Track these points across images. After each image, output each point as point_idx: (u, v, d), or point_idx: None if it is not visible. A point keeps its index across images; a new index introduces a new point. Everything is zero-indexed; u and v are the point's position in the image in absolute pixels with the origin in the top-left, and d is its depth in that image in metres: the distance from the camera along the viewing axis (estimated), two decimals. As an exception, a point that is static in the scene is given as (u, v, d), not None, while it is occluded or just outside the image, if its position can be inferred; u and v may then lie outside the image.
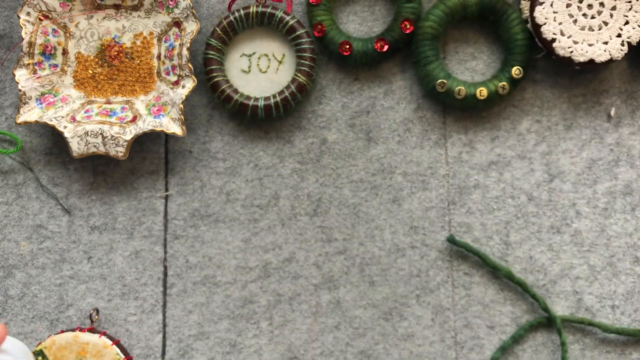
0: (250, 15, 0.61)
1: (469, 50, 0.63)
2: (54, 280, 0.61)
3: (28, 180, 0.63)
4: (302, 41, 0.61)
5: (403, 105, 0.62)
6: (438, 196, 0.61)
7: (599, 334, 0.59)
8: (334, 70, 0.63)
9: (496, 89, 0.60)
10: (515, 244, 0.60)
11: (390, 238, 0.61)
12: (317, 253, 0.61)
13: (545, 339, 0.59)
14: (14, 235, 0.62)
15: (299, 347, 0.60)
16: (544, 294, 0.60)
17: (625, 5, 0.58)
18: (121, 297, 0.61)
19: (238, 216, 0.61)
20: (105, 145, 0.59)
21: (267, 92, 0.62)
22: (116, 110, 0.61)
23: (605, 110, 0.62)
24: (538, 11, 0.58)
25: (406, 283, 0.60)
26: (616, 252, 0.60)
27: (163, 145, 0.63)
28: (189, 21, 0.60)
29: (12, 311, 0.61)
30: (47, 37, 0.61)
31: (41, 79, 0.61)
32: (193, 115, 0.63)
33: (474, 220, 0.61)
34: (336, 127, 0.62)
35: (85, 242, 0.62)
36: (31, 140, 0.63)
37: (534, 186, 0.61)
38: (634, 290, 0.60)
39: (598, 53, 0.58)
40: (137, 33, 0.62)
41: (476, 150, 0.61)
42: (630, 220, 0.60)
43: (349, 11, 0.63)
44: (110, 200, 0.62)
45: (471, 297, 0.60)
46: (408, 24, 0.60)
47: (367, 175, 0.62)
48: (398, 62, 0.63)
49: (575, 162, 0.61)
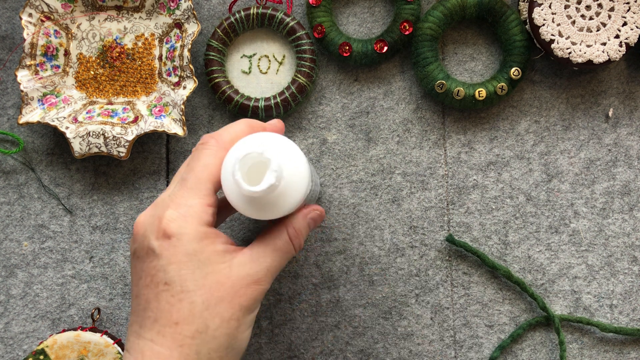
0: (251, 16, 0.61)
1: (467, 52, 0.63)
2: (56, 279, 0.62)
3: (30, 181, 0.63)
4: (302, 42, 0.61)
5: (402, 105, 0.62)
6: (437, 196, 0.61)
7: (597, 333, 0.60)
8: (333, 71, 0.63)
9: (495, 89, 0.60)
10: (513, 244, 0.61)
11: (390, 238, 0.61)
12: (317, 253, 0.61)
13: (544, 338, 0.60)
14: (15, 235, 0.62)
15: (299, 346, 0.60)
16: (543, 293, 0.60)
17: (623, 7, 0.58)
18: (122, 296, 0.61)
19: (238, 216, 0.62)
20: (107, 146, 0.59)
21: (267, 93, 0.63)
22: (118, 111, 0.61)
23: (603, 111, 0.62)
24: (536, 12, 0.58)
25: (405, 282, 0.61)
26: (614, 252, 0.60)
27: (164, 145, 0.63)
28: (190, 22, 0.60)
29: (14, 310, 0.61)
30: (49, 38, 0.61)
31: (43, 79, 0.61)
32: (194, 115, 0.63)
33: (472, 220, 0.61)
34: (336, 127, 0.62)
35: (87, 241, 0.62)
36: (33, 141, 0.63)
37: (533, 186, 0.61)
38: (632, 290, 0.60)
39: (596, 54, 0.58)
40: (139, 34, 0.62)
41: (475, 151, 0.62)
42: (628, 220, 0.61)
43: (348, 12, 0.64)
44: (112, 200, 0.62)
45: (470, 296, 0.60)
46: (407, 25, 0.61)
47: (366, 175, 0.62)
48: (397, 63, 0.63)
49: (574, 163, 0.61)
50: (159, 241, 0.42)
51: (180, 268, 0.42)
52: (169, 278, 0.42)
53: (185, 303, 0.42)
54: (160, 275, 0.42)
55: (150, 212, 0.44)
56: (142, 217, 0.45)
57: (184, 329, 0.41)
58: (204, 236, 0.43)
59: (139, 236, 0.44)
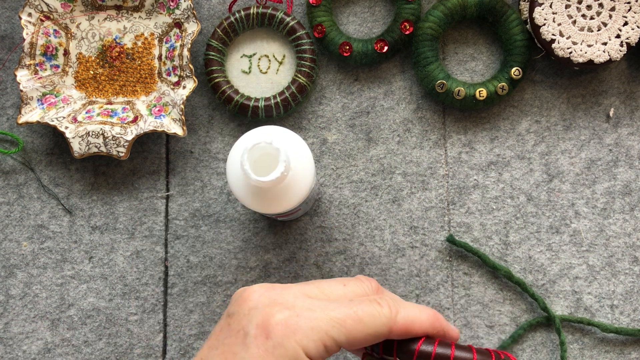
0: (251, 16, 0.61)
1: (468, 51, 0.63)
2: (55, 280, 0.61)
3: (29, 181, 0.63)
4: (302, 42, 0.61)
5: (403, 105, 0.62)
6: (438, 196, 0.61)
7: (598, 334, 0.59)
8: (334, 71, 0.63)
9: (495, 89, 0.60)
10: (514, 244, 0.61)
11: (390, 238, 0.61)
12: (317, 253, 0.61)
13: (545, 339, 0.60)
14: (15, 235, 0.62)
15: (299, 346, 0.60)
16: (543, 293, 0.60)
17: (624, 6, 0.58)
18: (122, 296, 0.61)
19: (239, 216, 0.62)
20: (106, 146, 0.59)
21: (267, 92, 0.62)
22: (117, 111, 0.61)
23: (604, 111, 0.62)
24: (537, 12, 0.58)
25: (406, 283, 0.60)
26: (615, 252, 0.60)
27: (164, 145, 0.63)
28: (189, 22, 0.60)
29: (14, 311, 0.61)
30: (48, 37, 0.61)
31: (42, 79, 0.61)
32: (194, 115, 0.63)
33: (473, 220, 0.61)
34: (336, 127, 0.62)
35: (87, 242, 0.62)
36: (32, 141, 0.63)
37: (533, 186, 0.61)
38: (632, 290, 0.60)
39: (597, 54, 0.58)
40: (138, 34, 0.62)
41: (475, 151, 0.62)
42: (629, 220, 0.60)
43: (349, 12, 0.64)
44: (112, 201, 0.62)
45: (470, 296, 0.60)
46: (408, 24, 0.60)
47: (367, 175, 0.62)
48: (398, 63, 0.63)
49: (574, 163, 0.61)
50: (257, 331, 0.38)
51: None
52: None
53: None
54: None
55: (272, 293, 0.40)
56: (261, 288, 0.41)
57: None
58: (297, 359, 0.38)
59: (245, 307, 0.40)
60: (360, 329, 0.39)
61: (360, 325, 0.39)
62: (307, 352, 0.38)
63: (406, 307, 0.41)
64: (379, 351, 0.41)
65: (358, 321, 0.39)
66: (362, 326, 0.39)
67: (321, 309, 0.39)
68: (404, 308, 0.41)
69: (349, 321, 0.39)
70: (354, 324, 0.39)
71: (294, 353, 0.37)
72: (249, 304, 0.40)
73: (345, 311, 0.39)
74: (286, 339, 0.38)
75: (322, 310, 0.39)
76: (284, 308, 0.39)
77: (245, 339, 0.38)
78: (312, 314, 0.39)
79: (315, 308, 0.39)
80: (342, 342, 0.38)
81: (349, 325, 0.39)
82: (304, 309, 0.39)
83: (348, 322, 0.39)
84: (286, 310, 0.39)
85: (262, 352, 0.37)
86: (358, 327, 0.39)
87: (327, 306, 0.39)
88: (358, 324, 0.39)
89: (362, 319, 0.39)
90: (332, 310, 0.39)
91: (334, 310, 0.39)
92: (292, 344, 0.38)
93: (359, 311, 0.39)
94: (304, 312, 0.39)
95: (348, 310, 0.39)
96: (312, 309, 0.39)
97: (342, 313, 0.39)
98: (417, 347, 0.39)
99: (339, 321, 0.39)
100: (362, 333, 0.39)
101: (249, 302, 0.40)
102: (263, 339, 0.38)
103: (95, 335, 0.61)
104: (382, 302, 0.40)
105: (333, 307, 0.39)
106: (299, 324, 0.38)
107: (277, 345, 0.37)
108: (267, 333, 0.38)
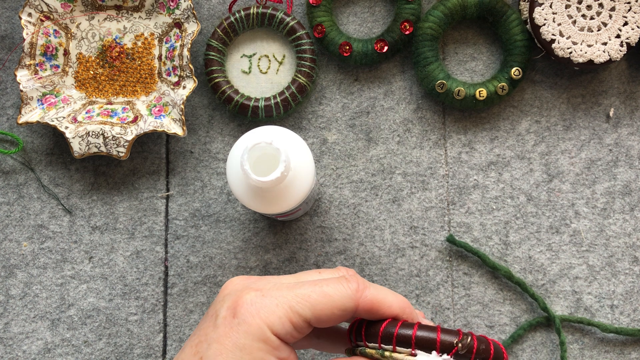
0: (251, 16, 0.61)
1: (468, 51, 0.63)
2: (55, 280, 0.61)
3: (29, 181, 0.63)
4: (302, 42, 0.61)
5: (403, 105, 0.62)
6: (438, 196, 0.61)
7: (598, 334, 0.59)
8: (334, 71, 0.63)
9: (495, 89, 0.60)
10: (514, 244, 0.61)
11: (390, 238, 0.61)
12: (317, 253, 0.61)
13: (545, 339, 0.60)
14: (15, 235, 0.62)
15: (299, 346, 0.60)
16: (543, 293, 0.60)
17: (624, 6, 0.58)
18: (122, 296, 0.61)
19: (239, 216, 0.62)
20: (106, 146, 0.59)
21: (267, 92, 0.62)
22: (117, 111, 0.61)
23: (604, 111, 0.62)
24: (537, 12, 0.58)
25: (406, 283, 0.60)
26: (615, 252, 0.60)
27: (164, 145, 0.63)
28: (189, 22, 0.60)
29: (14, 311, 0.61)
30: (48, 37, 0.61)
31: (42, 79, 0.61)
32: (194, 115, 0.63)
33: (473, 221, 0.61)
34: (336, 127, 0.62)
35: (87, 242, 0.62)
36: (32, 141, 0.63)
37: (533, 186, 0.61)
38: (632, 290, 0.60)
39: (597, 54, 0.58)
40: (138, 34, 0.62)
41: (475, 151, 0.62)
42: (629, 220, 0.60)
43: (349, 12, 0.64)
44: (112, 201, 0.62)
45: (470, 296, 0.60)
46: (408, 24, 0.60)
47: (367, 175, 0.62)
48: (398, 63, 0.63)
49: (574, 163, 0.61)
50: (226, 312, 0.40)
51: (220, 353, 0.39)
52: (206, 356, 0.39)
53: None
54: (204, 346, 0.39)
55: (248, 281, 0.42)
56: (239, 278, 0.42)
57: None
58: (264, 339, 0.39)
59: (221, 295, 0.41)
60: (325, 302, 0.39)
61: (325, 298, 0.40)
62: (272, 328, 0.39)
63: (377, 288, 0.41)
64: (353, 339, 0.41)
65: (323, 295, 0.40)
66: (328, 299, 0.40)
67: (288, 289, 0.40)
68: (374, 287, 0.41)
69: (314, 295, 0.39)
70: (318, 298, 0.39)
71: (259, 330, 0.38)
72: (224, 292, 0.41)
73: (311, 287, 0.40)
74: (250, 316, 0.39)
75: (289, 289, 0.40)
76: (253, 290, 0.40)
77: (216, 320, 0.40)
78: (278, 292, 0.40)
79: (283, 288, 0.40)
80: (307, 316, 0.39)
81: (313, 299, 0.39)
82: (272, 290, 0.40)
83: (312, 297, 0.39)
84: (255, 292, 0.40)
85: (228, 330, 0.39)
86: (323, 300, 0.39)
87: (294, 286, 0.40)
88: (323, 297, 0.40)
89: (327, 292, 0.40)
90: (298, 289, 0.40)
91: (300, 288, 0.40)
92: (257, 320, 0.39)
93: (324, 286, 0.40)
94: (271, 292, 0.40)
95: (314, 287, 0.40)
96: (279, 289, 0.40)
97: (307, 289, 0.40)
98: (381, 327, 0.39)
99: (304, 296, 0.39)
100: (328, 306, 0.39)
101: (225, 290, 0.41)
102: (230, 318, 0.39)
103: (95, 335, 0.61)
104: (351, 279, 0.41)
105: (300, 286, 0.40)
106: (264, 302, 0.39)
107: (242, 322, 0.39)
108: (235, 313, 0.39)
